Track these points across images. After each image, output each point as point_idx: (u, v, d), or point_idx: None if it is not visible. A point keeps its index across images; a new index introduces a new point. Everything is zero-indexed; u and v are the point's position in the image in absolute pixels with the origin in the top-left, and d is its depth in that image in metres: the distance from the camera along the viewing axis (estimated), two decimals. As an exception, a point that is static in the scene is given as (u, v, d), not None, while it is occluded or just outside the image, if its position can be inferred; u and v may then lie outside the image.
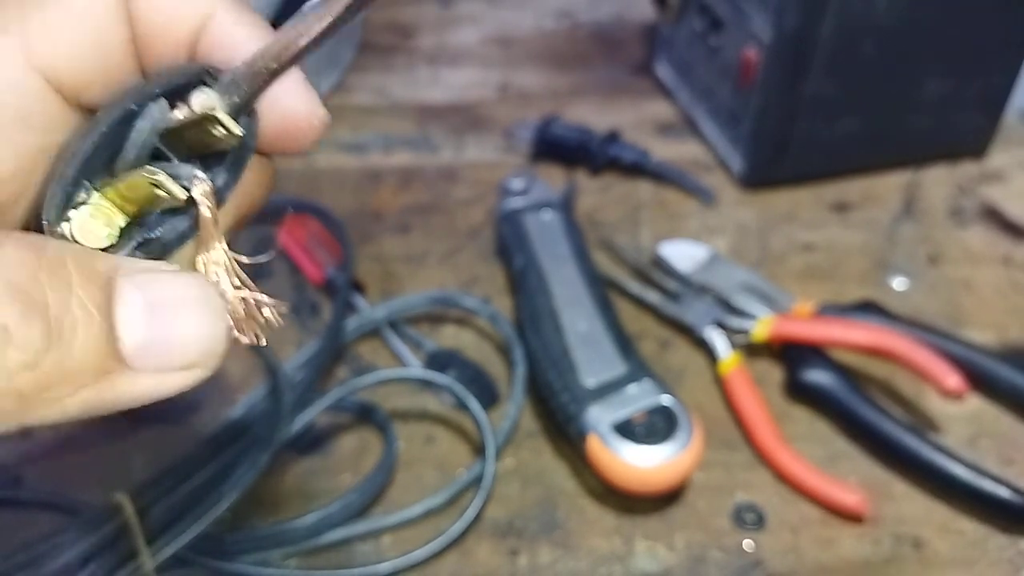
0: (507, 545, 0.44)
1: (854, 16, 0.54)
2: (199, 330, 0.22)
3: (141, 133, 0.24)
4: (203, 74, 0.24)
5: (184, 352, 0.22)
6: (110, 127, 0.23)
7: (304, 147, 0.26)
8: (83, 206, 0.23)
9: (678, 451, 0.43)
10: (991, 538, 0.44)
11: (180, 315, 0.22)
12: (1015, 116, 0.66)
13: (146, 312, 0.21)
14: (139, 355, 0.21)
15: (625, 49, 0.75)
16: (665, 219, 0.60)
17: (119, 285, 0.21)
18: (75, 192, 0.23)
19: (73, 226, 0.23)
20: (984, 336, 0.52)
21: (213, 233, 0.24)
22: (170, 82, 0.24)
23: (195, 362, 0.22)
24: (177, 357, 0.22)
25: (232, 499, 0.40)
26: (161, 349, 0.21)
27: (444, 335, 0.53)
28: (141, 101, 0.23)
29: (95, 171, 0.23)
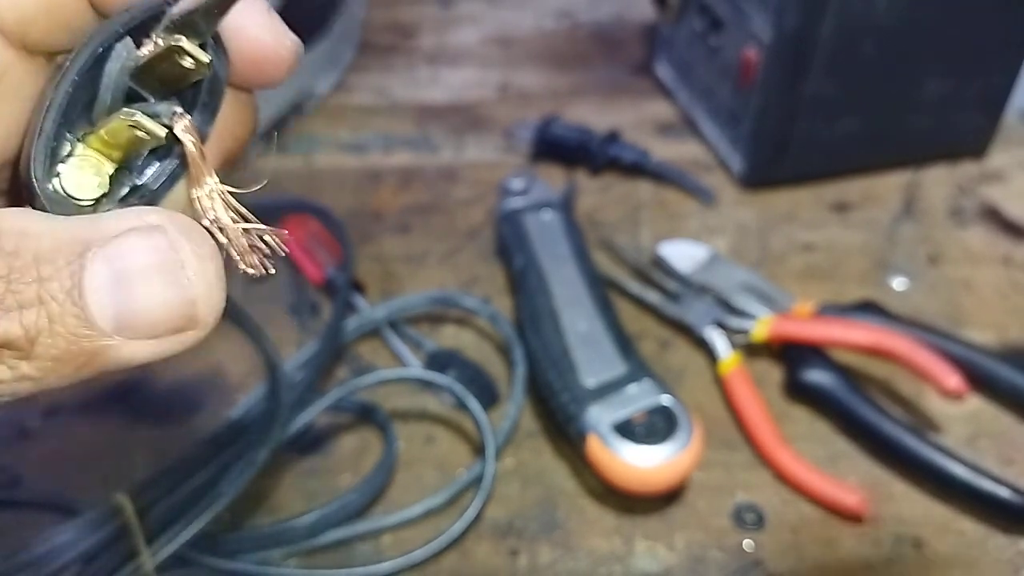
0: (507, 545, 0.44)
1: (854, 16, 0.54)
2: (160, 299, 0.21)
3: (111, 75, 0.23)
4: (163, 6, 0.24)
5: (154, 321, 0.21)
6: (80, 74, 0.23)
7: (278, 77, 0.26)
8: (69, 159, 0.23)
9: (678, 451, 0.43)
10: (991, 538, 0.44)
11: (139, 285, 0.21)
12: (1015, 116, 0.66)
13: (113, 285, 0.21)
14: (119, 327, 0.21)
15: (625, 49, 0.75)
16: (665, 219, 0.60)
17: (89, 260, 0.21)
18: (59, 146, 0.23)
19: (63, 181, 0.23)
20: (984, 336, 0.52)
21: (201, 167, 0.24)
22: (132, 19, 0.23)
23: (178, 326, 0.21)
24: (153, 326, 0.21)
25: (231, 497, 0.40)
26: (135, 319, 0.21)
27: (444, 335, 0.53)
28: (106, 42, 0.23)
29: (74, 122, 0.23)
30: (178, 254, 0.21)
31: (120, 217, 0.22)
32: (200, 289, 0.21)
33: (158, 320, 0.21)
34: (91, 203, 0.23)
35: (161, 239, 0.21)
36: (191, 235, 0.22)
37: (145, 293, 0.21)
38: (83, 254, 0.21)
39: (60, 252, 0.21)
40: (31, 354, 0.20)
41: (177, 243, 0.21)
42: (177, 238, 0.21)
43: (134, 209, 0.22)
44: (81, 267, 0.21)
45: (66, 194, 0.23)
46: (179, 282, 0.21)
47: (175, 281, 0.21)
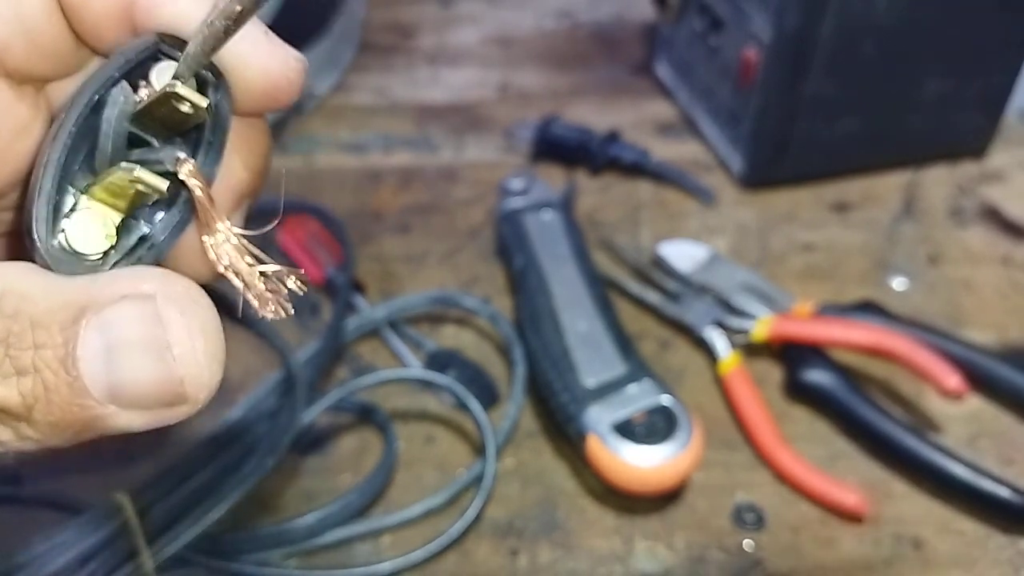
0: (507, 545, 0.44)
1: (854, 16, 0.54)
2: (146, 375, 0.21)
3: (110, 122, 0.23)
4: (158, 45, 0.23)
5: (142, 395, 0.21)
6: (77, 126, 0.22)
7: (287, 101, 0.25)
8: (74, 213, 0.23)
9: (678, 451, 0.43)
10: (991, 538, 0.44)
11: (127, 359, 0.21)
12: (1015, 116, 0.66)
13: (105, 355, 0.21)
14: (112, 397, 0.21)
15: (625, 49, 0.75)
16: (665, 219, 0.60)
17: (84, 328, 0.20)
18: (61, 200, 0.22)
19: (68, 237, 0.22)
20: (984, 336, 0.52)
21: (211, 212, 0.23)
22: (126, 62, 0.23)
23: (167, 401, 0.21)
24: (141, 399, 0.21)
25: (235, 500, 0.40)
26: (125, 392, 0.21)
27: (444, 335, 0.53)
28: (101, 89, 0.22)
29: (76, 174, 0.23)
30: (165, 331, 0.21)
31: (116, 280, 0.21)
32: (187, 368, 0.21)
33: (146, 395, 0.21)
34: (98, 257, 0.23)
35: (150, 312, 0.21)
36: (184, 307, 0.21)
37: (132, 367, 0.21)
38: (78, 320, 0.20)
39: (55, 318, 0.20)
40: (30, 419, 0.21)
41: (167, 317, 0.21)
42: (167, 311, 0.21)
43: (132, 271, 0.22)
44: (75, 335, 0.20)
45: (72, 250, 0.22)
46: (164, 360, 0.21)
47: (160, 359, 0.21)
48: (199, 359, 0.21)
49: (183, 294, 0.21)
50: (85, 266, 0.23)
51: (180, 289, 0.21)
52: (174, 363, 0.21)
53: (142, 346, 0.21)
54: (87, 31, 0.24)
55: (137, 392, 0.21)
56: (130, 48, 0.23)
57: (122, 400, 0.21)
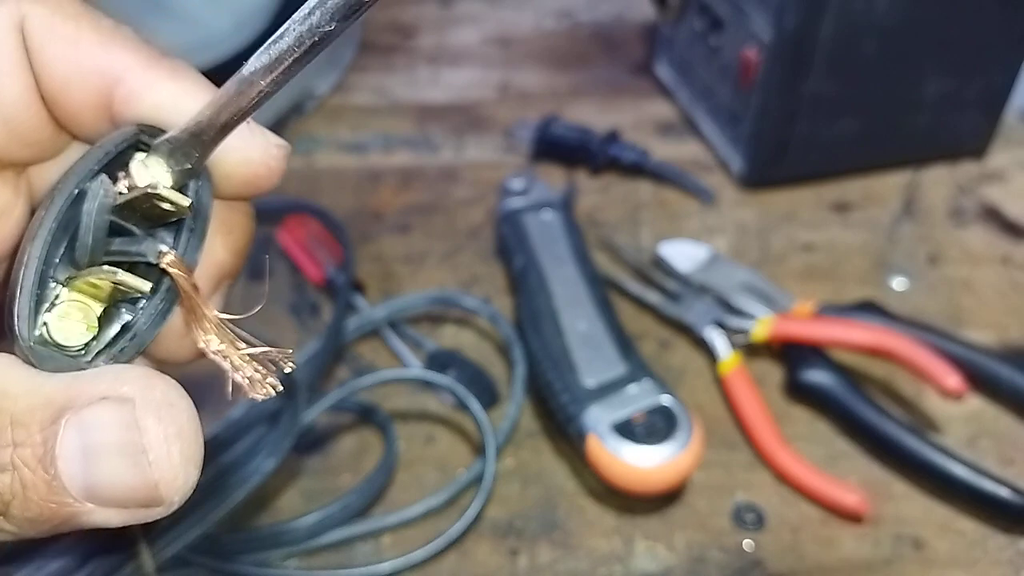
0: (507, 545, 0.44)
1: (854, 16, 0.54)
2: (122, 478, 0.21)
3: (90, 215, 0.22)
4: (138, 136, 0.23)
5: (118, 496, 0.21)
6: (57, 220, 0.22)
7: (269, 188, 0.25)
8: (55, 307, 0.23)
9: (678, 451, 0.43)
10: (991, 538, 0.44)
11: (104, 461, 0.21)
12: (1015, 116, 0.66)
13: (83, 456, 0.21)
14: (89, 496, 0.21)
15: (625, 49, 0.75)
16: (665, 219, 0.60)
17: (63, 427, 0.21)
18: (43, 293, 0.22)
19: (50, 330, 0.22)
20: (984, 336, 0.52)
21: (195, 300, 0.23)
22: (105, 155, 0.23)
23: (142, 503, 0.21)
24: (117, 500, 0.21)
25: (235, 502, 0.40)
26: (101, 492, 0.21)
27: (444, 335, 0.53)
28: (81, 182, 0.22)
29: (58, 266, 0.23)
30: (142, 437, 0.21)
31: (96, 380, 0.21)
32: (162, 473, 0.21)
33: (122, 496, 0.21)
34: (80, 348, 0.23)
35: (128, 416, 0.21)
36: (161, 412, 0.21)
37: (109, 470, 0.21)
38: (57, 420, 0.21)
39: (34, 417, 0.21)
40: (7, 514, 0.21)
41: (144, 423, 0.21)
42: (144, 417, 0.21)
43: (113, 371, 0.22)
44: (55, 434, 0.21)
45: (53, 343, 0.22)
46: (140, 465, 0.21)
47: (136, 464, 0.21)
48: (174, 463, 0.21)
49: (161, 399, 0.21)
50: (67, 359, 0.23)
51: (158, 394, 0.21)
52: (149, 468, 0.21)
53: (119, 450, 0.21)
54: (67, 119, 0.24)
55: (114, 493, 0.21)
56: (110, 140, 0.23)
57: (99, 499, 0.21)
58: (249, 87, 0.21)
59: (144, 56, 0.24)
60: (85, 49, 0.23)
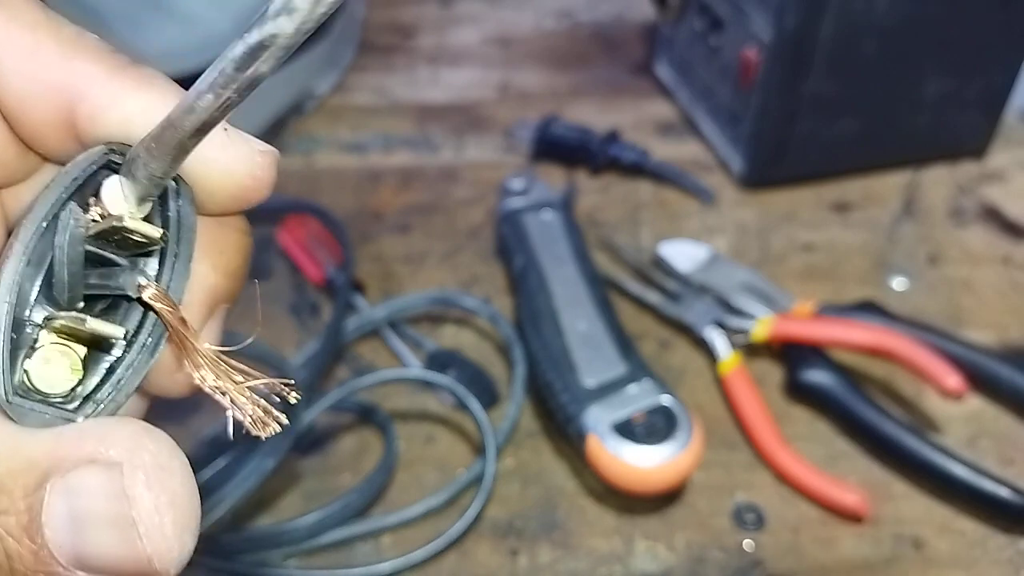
0: (507, 545, 0.44)
1: (854, 16, 0.54)
2: (112, 551, 0.20)
3: (63, 248, 0.20)
4: (107, 157, 0.21)
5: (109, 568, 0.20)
6: (26, 257, 0.20)
7: (257, 199, 0.23)
8: (35, 352, 0.21)
9: (678, 451, 0.43)
10: (991, 538, 0.44)
11: (92, 532, 0.20)
12: (1015, 116, 0.66)
13: (70, 524, 0.19)
14: (78, 564, 0.20)
15: (625, 49, 0.75)
16: (665, 219, 0.60)
17: (47, 493, 0.19)
18: (20, 339, 0.21)
19: (31, 378, 0.21)
20: (984, 336, 0.52)
21: (183, 333, 0.21)
22: (73, 181, 0.21)
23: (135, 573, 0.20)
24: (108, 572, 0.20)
25: (234, 502, 0.40)
26: (91, 563, 0.20)
27: (444, 335, 0.53)
28: (48, 215, 0.20)
29: (35, 306, 0.21)
30: (131, 508, 0.19)
31: (81, 439, 0.20)
32: (155, 547, 0.20)
33: (112, 567, 0.20)
34: (65, 396, 0.21)
35: (116, 484, 0.19)
36: (151, 479, 0.20)
37: (98, 541, 0.20)
38: (42, 485, 0.19)
39: (18, 483, 0.19)
40: None
41: (133, 491, 0.19)
42: (133, 485, 0.19)
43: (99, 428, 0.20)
44: (40, 501, 0.19)
45: (36, 391, 0.21)
46: (130, 538, 0.19)
47: (126, 537, 0.19)
48: (167, 534, 0.20)
49: (151, 463, 0.20)
50: (51, 408, 0.21)
51: (148, 457, 0.20)
52: (140, 542, 0.19)
53: (107, 521, 0.19)
54: (31, 138, 0.22)
55: (104, 564, 0.20)
56: (76, 165, 0.21)
57: (90, 568, 0.20)
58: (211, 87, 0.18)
59: (108, 66, 0.22)
60: (44, 61, 0.21)
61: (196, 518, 0.20)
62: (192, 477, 0.20)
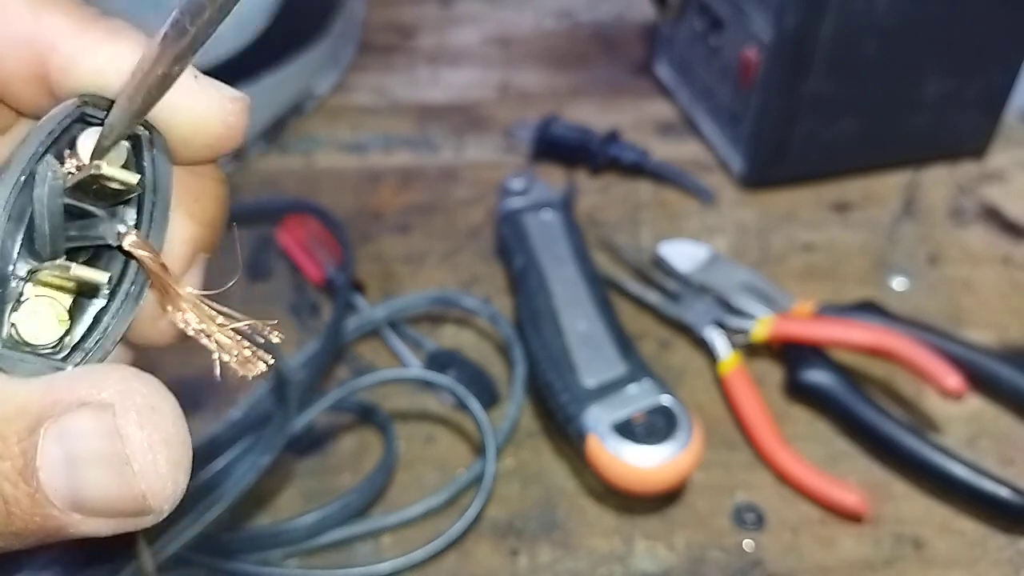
0: (507, 545, 0.44)
1: (854, 16, 0.54)
2: (107, 488, 0.20)
3: (42, 202, 0.21)
4: (81, 109, 0.22)
5: (104, 507, 0.20)
6: (7, 212, 0.21)
7: (231, 146, 0.23)
8: (22, 305, 0.21)
9: (678, 451, 0.43)
10: (991, 538, 0.44)
11: (87, 472, 0.20)
12: (1015, 116, 0.66)
13: (65, 467, 0.20)
14: (75, 506, 0.20)
15: (625, 49, 0.75)
16: (665, 219, 0.60)
17: (41, 438, 0.20)
18: (5, 293, 0.21)
19: (19, 330, 0.21)
20: (984, 336, 0.52)
21: (165, 279, 0.22)
22: (48, 134, 0.21)
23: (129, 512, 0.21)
24: (104, 510, 0.20)
25: (232, 499, 0.40)
26: (86, 503, 0.20)
27: (444, 335, 0.53)
28: (26, 168, 0.21)
29: (17, 260, 0.21)
30: (125, 446, 0.20)
31: (73, 384, 0.20)
32: (149, 484, 0.20)
33: (108, 506, 0.20)
34: (54, 344, 0.22)
35: (109, 424, 0.20)
36: (143, 418, 0.20)
37: (93, 481, 0.20)
38: (35, 430, 0.20)
39: (12, 428, 0.20)
40: None
41: (126, 430, 0.20)
42: (126, 425, 0.20)
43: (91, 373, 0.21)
44: (34, 446, 0.20)
45: (24, 343, 0.21)
46: (124, 476, 0.20)
47: (120, 475, 0.20)
48: (161, 472, 0.20)
49: (142, 404, 0.20)
50: (40, 359, 0.21)
51: (139, 398, 0.20)
52: (135, 478, 0.20)
53: (102, 460, 0.20)
54: (3, 94, 0.23)
55: (100, 504, 0.20)
56: (51, 118, 0.22)
57: (85, 510, 0.20)
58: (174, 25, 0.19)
59: (77, 19, 0.22)
60: (12, 15, 0.22)
61: (188, 457, 0.21)
62: (183, 419, 0.21)
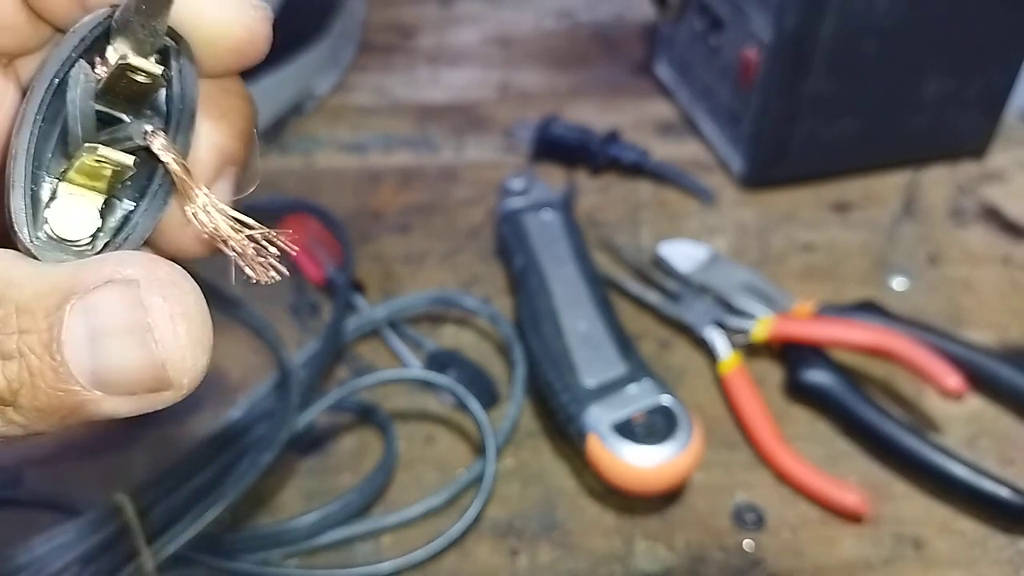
0: (507, 545, 0.44)
1: (854, 16, 0.54)
2: (129, 360, 0.21)
3: (75, 104, 0.22)
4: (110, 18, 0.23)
5: (126, 380, 0.21)
6: (42, 112, 0.22)
7: (256, 55, 0.24)
8: (54, 201, 0.22)
9: (678, 451, 0.43)
10: (991, 538, 0.44)
11: (110, 344, 0.20)
12: (1015, 116, 0.66)
13: (89, 341, 0.20)
14: (97, 382, 0.21)
15: (625, 49, 0.75)
16: (665, 219, 0.60)
17: (67, 314, 0.20)
18: (39, 190, 0.22)
19: (52, 226, 0.22)
20: (984, 336, 0.52)
21: (188, 182, 0.23)
22: (80, 40, 0.22)
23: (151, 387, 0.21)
24: (125, 384, 0.21)
25: (233, 498, 0.40)
26: (108, 377, 0.21)
27: (444, 335, 0.53)
28: (60, 72, 0.22)
29: (51, 161, 0.22)
30: (147, 315, 0.20)
31: (101, 265, 0.21)
32: (168, 352, 0.21)
33: (129, 380, 0.21)
34: (87, 241, 0.23)
35: (133, 296, 0.21)
36: (166, 291, 0.21)
37: (115, 353, 0.20)
38: (62, 306, 0.20)
39: (40, 303, 0.20)
40: (15, 404, 0.21)
41: (149, 301, 0.20)
42: (149, 296, 0.21)
43: (117, 256, 0.22)
44: (60, 320, 0.20)
45: (58, 238, 0.22)
46: (145, 344, 0.21)
47: (142, 343, 0.21)
48: (181, 343, 0.21)
49: (166, 279, 0.21)
50: (73, 253, 0.22)
51: (163, 274, 0.21)
52: (155, 347, 0.21)
53: (125, 331, 0.20)
54: (39, 7, 0.23)
55: (121, 377, 0.21)
56: (83, 25, 0.22)
57: (107, 385, 0.21)
58: None
59: None
60: None
61: (209, 338, 0.21)
62: (204, 301, 0.21)
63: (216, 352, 0.22)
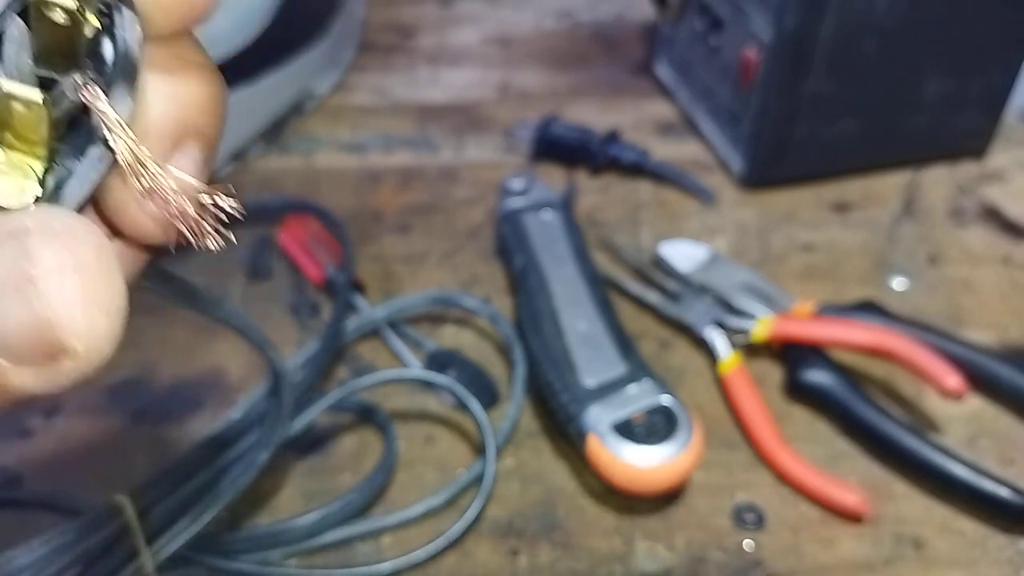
0: (507, 545, 0.44)
1: (854, 16, 0.54)
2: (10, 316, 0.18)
3: (10, 62, 0.20)
4: None
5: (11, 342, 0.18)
6: None
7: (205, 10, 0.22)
8: None
9: (678, 451, 0.43)
10: (991, 538, 0.44)
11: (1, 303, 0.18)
12: (1015, 116, 0.66)
13: None
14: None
15: (625, 49, 0.75)
16: (665, 219, 0.60)
17: None
18: None
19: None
20: (984, 336, 0.52)
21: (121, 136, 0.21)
22: None
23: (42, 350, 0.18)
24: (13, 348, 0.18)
25: (231, 498, 0.40)
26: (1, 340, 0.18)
27: (444, 335, 0.53)
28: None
29: None
30: (29, 264, 0.18)
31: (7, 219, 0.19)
32: (53, 309, 0.18)
33: (19, 343, 0.18)
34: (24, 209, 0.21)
35: (22, 246, 0.18)
36: (61, 241, 0.18)
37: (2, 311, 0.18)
38: None
39: None
40: None
41: (33, 251, 0.18)
42: (35, 245, 0.18)
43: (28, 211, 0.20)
44: None
45: None
46: (27, 297, 0.18)
47: (23, 296, 0.18)
48: (68, 299, 0.18)
49: (61, 229, 0.19)
50: None
51: (58, 224, 0.19)
52: (39, 299, 0.18)
53: (9, 285, 0.18)
54: None
55: (10, 340, 0.18)
56: None
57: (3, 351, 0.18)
58: None
59: None
60: None
61: (113, 300, 0.19)
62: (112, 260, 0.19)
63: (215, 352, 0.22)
